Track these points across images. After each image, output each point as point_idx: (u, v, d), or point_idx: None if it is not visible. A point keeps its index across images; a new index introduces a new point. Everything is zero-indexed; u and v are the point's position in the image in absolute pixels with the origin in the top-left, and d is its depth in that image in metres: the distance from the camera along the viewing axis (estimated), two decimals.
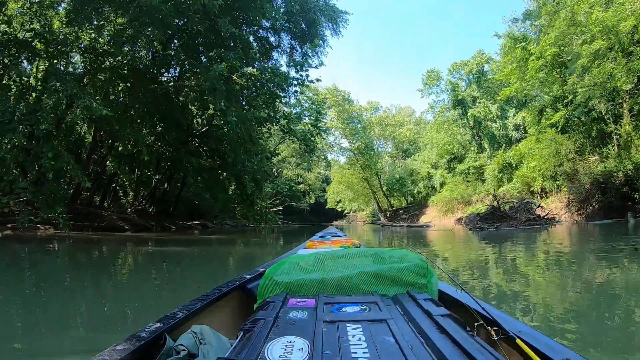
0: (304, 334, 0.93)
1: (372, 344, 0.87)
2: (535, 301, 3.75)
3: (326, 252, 1.74)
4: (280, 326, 1.01)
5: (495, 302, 3.47)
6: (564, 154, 16.27)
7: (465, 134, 31.04)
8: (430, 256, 7.26)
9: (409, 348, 0.84)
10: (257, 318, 1.08)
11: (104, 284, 5.15)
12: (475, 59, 32.26)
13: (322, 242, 3.35)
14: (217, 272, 6.16)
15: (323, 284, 1.40)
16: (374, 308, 1.16)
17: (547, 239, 10.85)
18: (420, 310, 1.12)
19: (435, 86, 33.18)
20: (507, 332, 1.00)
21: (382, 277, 1.43)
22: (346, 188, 43.33)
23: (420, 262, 1.50)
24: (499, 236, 11.99)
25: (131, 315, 3.40)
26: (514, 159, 23.23)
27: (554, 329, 2.68)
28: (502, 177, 23.86)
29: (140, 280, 5.42)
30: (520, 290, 4.21)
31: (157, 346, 1.03)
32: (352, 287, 1.39)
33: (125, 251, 9.24)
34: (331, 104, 37.13)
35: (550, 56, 16.23)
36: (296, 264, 1.56)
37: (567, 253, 7.65)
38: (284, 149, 48.58)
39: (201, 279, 5.38)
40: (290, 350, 0.84)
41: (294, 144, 42.94)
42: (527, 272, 5.66)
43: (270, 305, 1.22)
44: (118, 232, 14.03)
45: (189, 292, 4.25)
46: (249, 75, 10.83)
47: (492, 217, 14.16)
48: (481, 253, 8.46)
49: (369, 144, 38.41)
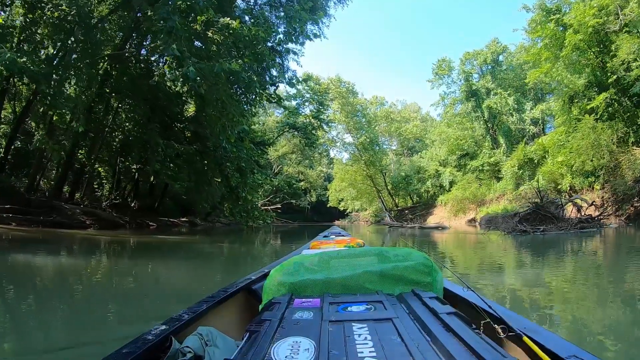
0: (309, 334, 0.92)
1: (378, 343, 0.86)
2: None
3: (330, 252, 1.73)
4: (286, 327, 1.00)
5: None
6: (604, 145, 13.88)
7: (479, 128, 28.65)
8: (479, 277, 4.95)
9: (415, 346, 0.83)
10: (262, 319, 1.08)
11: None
12: (489, 48, 29.89)
13: (326, 242, 3.33)
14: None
15: (328, 284, 1.39)
16: (379, 307, 1.16)
17: (620, 248, 8.39)
18: (425, 309, 1.11)
19: (446, 76, 30.76)
20: (514, 329, 0.97)
21: (387, 276, 1.42)
22: (349, 186, 40.91)
23: (425, 260, 1.49)
24: (547, 243, 9.40)
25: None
26: (536, 154, 20.85)
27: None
28: (523, 174, 21.47)
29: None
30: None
31: (163, 348, 1.03)
32: (357, 287, 1.39)
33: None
34: (334, 96, 34.79)
35: (592, 28, 13.84)
36: (301, 264, 1.54)
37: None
38: (284, 144, 46.44)
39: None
40: (297, 350, 0.83)
41: (294, 139, 40.81)
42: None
43: (275, 305, 1.22)
44: (77, 230, 11.81)
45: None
46: (225, 26, 8.29)
47: (534, 218, 11.73)
48: (545, 276, 5.12)
49: (373, 138, 36.04)
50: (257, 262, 6.78)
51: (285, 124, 29.68)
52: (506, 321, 1.03)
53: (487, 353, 0.77)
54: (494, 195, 25.44)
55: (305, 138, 29.82)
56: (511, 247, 9.12)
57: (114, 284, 4.47)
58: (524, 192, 20.17)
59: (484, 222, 22.50)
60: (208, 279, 4.85)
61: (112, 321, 2.95)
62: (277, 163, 48.39)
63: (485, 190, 26.37)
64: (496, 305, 1.20)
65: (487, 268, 5.95)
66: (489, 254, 8.28)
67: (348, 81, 35.83)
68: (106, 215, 14.47)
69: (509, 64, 29.99)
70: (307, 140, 29.72)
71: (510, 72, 29.59)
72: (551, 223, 11.17)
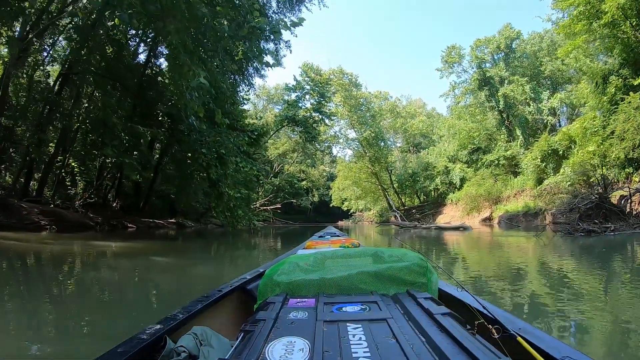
0: (304, 334, 0.92)
1: (373, 343, 0.86)
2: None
3: (325, 252, 1.72)
4: (281, 327, 0.99)
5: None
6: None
7: (493, 119, 26.48)
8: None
9: (409, 347, 0.83)
10: (257, 319, 1.07)
11: None
12: (502, 33, 27.74)
13: (322, 242, 3.30)
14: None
15: (323, 284, 1.37)
16: (374, 307, 1.15)
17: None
18: (420, 309, 1.11)
19: (456, 65, 28.58)
20: (508, 330, 0.97)
21: (382, 277, 1.40)
22: (353, 184, 38.77)
23: (420, 261, 1.46)
24: (617, 246, 7.27)
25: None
26: (562, 144, 18.69)
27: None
28: (547, 167, 19.30)
29: None
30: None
31: (157, 348, 1.03)
32: (352, 287, 1.37)
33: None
34: (336, 89, 32.69)
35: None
36: (296, 264, 1.53)
37: None
38: (284, 141, 44.45)
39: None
40: (291, 350, 0.83)
41: (294, 134, 38.68)
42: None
43: (270, 305, 1.20)
44: (28, 232, 9.87)
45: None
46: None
47: (597, 214, 9.39)
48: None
49: (378, 133, 33.88)
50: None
51: (284, 117, 27.60)
52: (500, 322, 1.02)
53: (480, 354, 0.76)
54: (511, 192, 23.29)
55: (306, 132, 27.70)
56: (599, 260, 6.13)
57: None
58: (549, 186, 18.04)
59: (504, 221, 20.36)
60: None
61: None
62: (278, 162, 46.46)
63: (501, 187, 24.21)
64: (490, 306, 1.19)
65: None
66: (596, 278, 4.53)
67: (351, 72, 33.83)
68: (72, 216, 12.53)
69: (522, 51, 27.83)
70: (307, 134, 27.61)
71: (524, 60, 27.44)
72: (620, 220, 8.93)
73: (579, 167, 16.62)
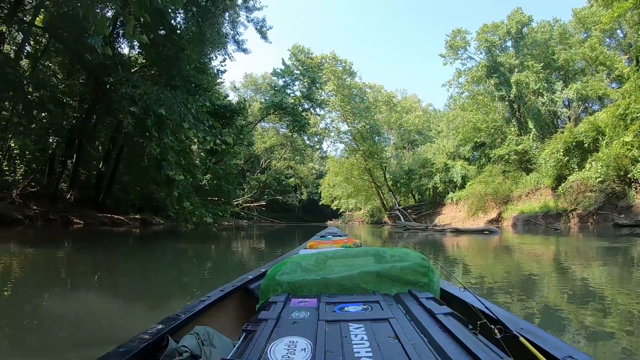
0: (306, 334, 0.91)
1: (375, 343, 0.85)
2: None
3: (327, 252, 1.71)
4: (283, 326, 0.98)
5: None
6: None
7: (503, 110, 24.02)
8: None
9: (411, 347, 0.82)
10: (259, 318, 1.05)
11: None
12: (512, 18, 25.32)
13: (324, 242, 3.25)
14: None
15: (325, 284, 1.35)
16: (376, 307, 1.13)
17: None
18: (422, 309, 1.10)
19: (462, 51, 26.01)
20: (510, 330, 0.95)
21: (384, 276, 1.37)
22: (344, 181, 35.98)
23: (422, 260, 1.44)
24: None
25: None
26: (588, 135, 16.24)
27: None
28: (570, 162, 16.82)
29: None
30: None
31: (159, 348, 1.01)
32: (353, 287, 1.34)
33: None
34: (328, 77, 29.86)
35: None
36: (298, 264, 1.51)
37: None
38: (272, 135, 41.52)
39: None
40: (293, 350, 0.82)
41: (283, 130, 35.76)
42: None
43: (272, 305, 1.19)
44: None
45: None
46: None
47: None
48: None
49: (373, 126, 31.15)
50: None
51: (270, 103, 24.67)
52: (502, 322, 1.00)
53: (483, 353, 0.76)
54: (522, 191, 20.83)
55: (294, 122, 24.83)
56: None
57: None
58: (575, 183, 15.59)
59: (519, 223, 17.84)
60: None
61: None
62: (265, 157, 43.51)
63: (511, 185, 21.75)
64: (492, 306, 1.17)
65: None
66: None
67: (345, 60, 30.96)
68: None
69: (532, 39, 25.48)
70: (296, 124, 24.73)
71: (536, 48, 25.08)
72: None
73: (614, 161, 14.18)
